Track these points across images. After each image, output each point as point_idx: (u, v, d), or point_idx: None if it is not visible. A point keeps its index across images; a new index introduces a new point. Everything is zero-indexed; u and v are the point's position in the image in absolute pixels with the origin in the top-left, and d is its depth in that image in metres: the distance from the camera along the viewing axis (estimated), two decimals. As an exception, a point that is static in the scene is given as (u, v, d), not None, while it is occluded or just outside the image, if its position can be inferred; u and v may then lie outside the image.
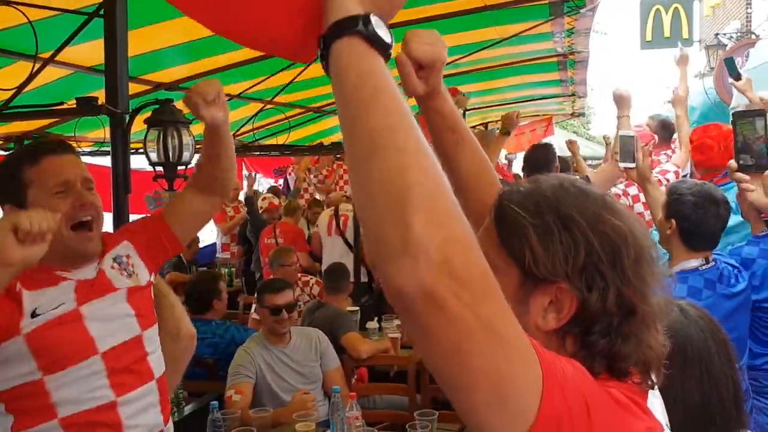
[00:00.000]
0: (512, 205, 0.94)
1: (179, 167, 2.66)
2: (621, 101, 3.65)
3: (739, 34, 11.56)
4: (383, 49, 0.79)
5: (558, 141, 13.63)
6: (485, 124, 11.81)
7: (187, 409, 3.37)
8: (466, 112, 9.77)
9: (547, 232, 0.90)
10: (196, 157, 2.44)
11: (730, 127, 4.51)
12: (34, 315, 1.79)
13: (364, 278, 5.68)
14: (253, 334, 3.74)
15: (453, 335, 0.68)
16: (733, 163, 2.12)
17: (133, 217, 2.55)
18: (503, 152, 10.58)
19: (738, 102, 7.56)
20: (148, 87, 5.14)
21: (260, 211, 7.43)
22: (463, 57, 6.26)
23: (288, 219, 7.12)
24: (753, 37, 10.92)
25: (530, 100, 9.59)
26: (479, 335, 0.69)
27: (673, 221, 2.32)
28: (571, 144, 5.87)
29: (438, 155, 1.33)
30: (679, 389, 1.21)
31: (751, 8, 11.67)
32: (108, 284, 1.94)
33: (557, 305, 0.90)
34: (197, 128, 2.62)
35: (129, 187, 2.66)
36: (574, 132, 24.16)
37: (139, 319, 1.96)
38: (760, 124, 1.95)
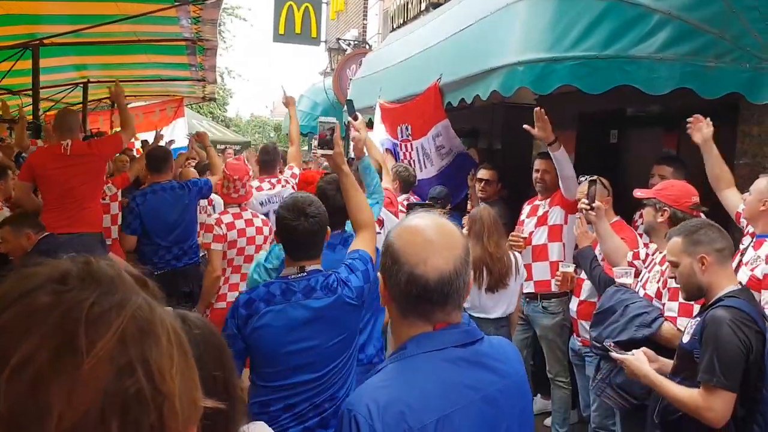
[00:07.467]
0: None
1: None
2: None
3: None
4: None
5: (191, 122, 13.53)
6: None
7: None
8: (89, 84, 9.06)
9: None
10: None
11: None
12: None
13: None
14: None
15: None
16: None
17: None
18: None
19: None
20: None
21: None
22: (85, 28, 5.77)
23: None
24: (366, 47, 12.33)
25: (159, 80, 9.29)
26: None
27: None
28: (199, 136, 5.77)
29: None
30: None
31: (366, 20, 13.13)
32: None
33: None
34: None
35: None
36: (210, 113, 24.07)
37: None
38: None
